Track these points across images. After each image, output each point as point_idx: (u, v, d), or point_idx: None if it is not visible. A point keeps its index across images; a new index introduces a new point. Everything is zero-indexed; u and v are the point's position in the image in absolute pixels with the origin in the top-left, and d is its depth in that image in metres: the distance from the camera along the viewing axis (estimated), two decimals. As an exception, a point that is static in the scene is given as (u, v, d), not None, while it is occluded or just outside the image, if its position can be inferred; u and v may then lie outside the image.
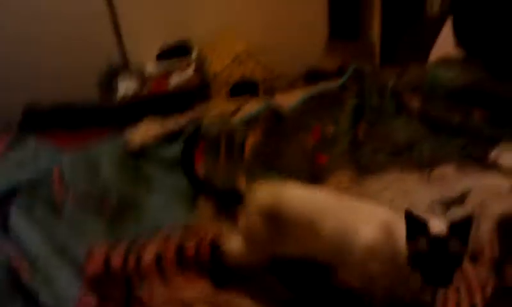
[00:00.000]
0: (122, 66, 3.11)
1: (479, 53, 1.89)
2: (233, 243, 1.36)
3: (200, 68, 2.99)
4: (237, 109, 2.18)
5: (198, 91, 2.91)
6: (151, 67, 3.01)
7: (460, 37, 2.07)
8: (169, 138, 2.00)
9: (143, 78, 2.98)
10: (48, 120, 2.71)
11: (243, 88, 2.88)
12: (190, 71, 2.94)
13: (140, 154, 1.97)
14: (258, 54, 3.08)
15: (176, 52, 3.04)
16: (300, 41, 3.35)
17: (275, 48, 3.27)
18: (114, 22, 3.02)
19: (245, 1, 3.19)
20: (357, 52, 3.31)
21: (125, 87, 2.95)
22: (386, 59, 3.35)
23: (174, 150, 1.89)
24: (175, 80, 2.93)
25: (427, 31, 3.10)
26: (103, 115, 2.79)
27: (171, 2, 3.05)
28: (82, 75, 3.01)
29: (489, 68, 1.80)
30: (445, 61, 1.91)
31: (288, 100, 2.12)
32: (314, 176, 1.78)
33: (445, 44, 2.13)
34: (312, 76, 3.23)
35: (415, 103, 1.76)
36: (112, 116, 2.77)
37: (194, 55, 3.00)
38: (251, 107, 2.15)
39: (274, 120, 1.98)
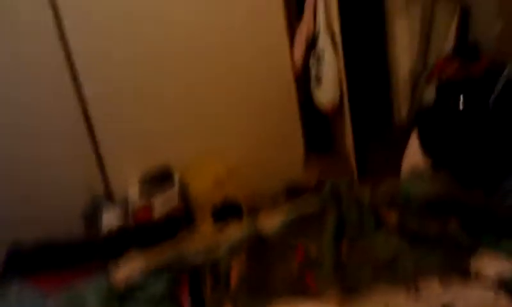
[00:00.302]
0: (105, 197, 3.15)
1: (446, 163, 1.98)
2: None
3: (182, 194, 3.04)
4: (221, 235, 2.20)
5: (182, 217, 2.94)
6: (134, 196, 3.05)
7: (426, 148, 2.17)
8: (154, 273, 1.99)
9: (126, 208, 3.01)
10: (32, 261, 2.69)
11: (226, 210, 2.92)
12: (173, 198, 2.99)
13: (126, 292, 1.94)
14: (239, 174, 3.16)
15: (158, 179, 3.10)
16: (278, 158, 3.46)
17: (255, 167, 3.36)
18: (96, 152, 3.11)
19: (222, 124, 3.32)
20: (334, 164, 3.42)
21: (109, 218, 2.97)
22: (362, 168, 3.47)
23: (160, 286, 1.88)
24: (159, 207, 2.97)
25: (396, 138, 3.26)
26: (88, 250, 2.79)
27: (150, 130, 3.17)
28: (65, 209, 3.04)
29: (457, 177, 1.87)
30: (415, 173, 1.99)
31: (270, 222, 2.15)
32: (303, 298, 1.77)
33: (414, 154, 2.23)
34: (292, 191, 3.31)
35: (392, 217, 1.81)
36: (97, 250, 2.76)
37: (176, 181, 3.07)
38: (235, 231, 2.18)
39: (258, 245, 1.99)
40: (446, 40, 3.70)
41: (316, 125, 3.66)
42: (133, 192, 3.07)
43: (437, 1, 3.93)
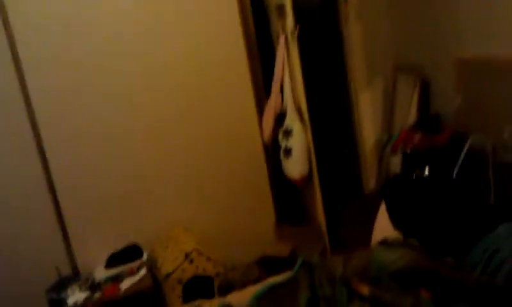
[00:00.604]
0: (72, 275, 3.04)
1: (415, 233, 1.99)
2: None
3: (151, 270, 2.96)
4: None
5: (151, 293, 2.85)
6: (101, 273, 2.96)
7: (395, 219, 2.19)
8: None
9: (93, 286, 2.90)
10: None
11: (197, 285, 2.85)
12: (141, 274, 2.91)
13: None
14: (210, 247, 3.12)
15: (126, 255, 3.02)
16: (250, 229, 3.44)
17: (226, 238, 3.34)
18: (62, 229, 3.03)
19: (193, 197, 3.31)
20: (306, 234, 3.41)
21: (75, 296, 2.85)
22: (334, 238, 3.46)
23: None
24: (127, 283, 2.88)
25: (366, 206, 3.28)
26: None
27: (118, 207, 3.13)
28: (31, 286, 2.93)
29: (426, 247, 1.88)
30: (385, 243, 1.99)
31: (242, 298, 2.10)
32: None
33: (384, 225, 2.24)
34: (265, 263, 3.27)
35: (364, 289, 1.79)
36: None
37: (144, 257, 3.00)
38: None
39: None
40: (409, 112, 3.84)
41: (287, 196, 3.68)
42: (100, 269, 2.98)
43: (398, 75, 4.10)
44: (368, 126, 4.24)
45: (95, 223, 3.07)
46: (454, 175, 3.04)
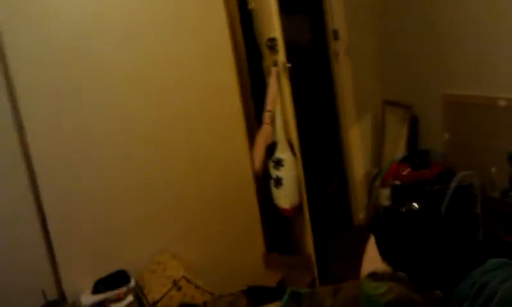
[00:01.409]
0: (59, 301, 2.96)
1: (403, 267, 1.96)
2: None
3: (138, 296, 2.89)
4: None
5: (138, 321, 2.78)
6: (88, 299, 2.88)
7: (383, 252, 2.15)
8: None
9: (80, 312, 2.83)
10: None
11: (184, 313, 2.79)
12: (128, 300, 2.83)
13: None
14: (198, 275, 3.06)
15: (113, 281, 2.95)
16: (239, 257, 3.39)
17: (215, 267, 3.28)
18: (50, 253, 2.95)
19: (181, 225, 3.25)
20: (295, 264, 3.36)
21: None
22: (323, 268, 3.42)
23: None
24: (114, 311, 2.80)
25: (355, 238, 3.26)
26: None
27: (106, 233, 3.06)
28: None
29: (414, 280, 1.85)
30: (374, 276, 1.95)
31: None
32: None
33: (373, 258, 2.21)
34: (254, 292, 3.20)
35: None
36: None
37: (132, 283, 2.93)
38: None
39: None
40: (398, 146, 3.85)
41: (277, 225, 3.65)
42: (87, 294, 2.90)
43: (388, 110, 4.13)
44: (358, 159, 4.25)
45: (83, 248, 3.00)
46: (443, 210, 3.05)
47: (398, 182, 3.36)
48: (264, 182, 3.43)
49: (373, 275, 1.98)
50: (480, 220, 3.10)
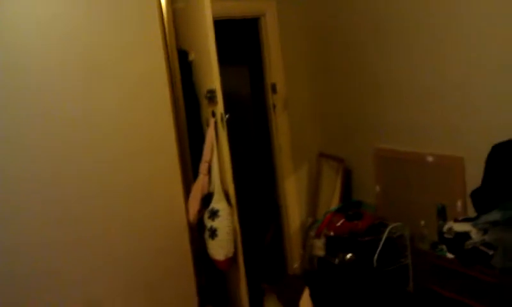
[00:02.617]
0: None
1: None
2: None
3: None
4: None
5: None
6: None
7: (317, 303, 2.12)
8: None
9: None
10: None
11: None
12: None
13: None
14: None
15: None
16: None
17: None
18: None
19: (108, 277, 3.03)
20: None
21: None
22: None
23: None
24: None
25: (289, 287, 3.20)
26: None
27: (22, 286, 2.79)
28: None
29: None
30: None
31: None
32: None
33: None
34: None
35: None
36: None
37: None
38: None
39: None
40: (332, 197, 3.88)
41: (211, 277, 3.53)
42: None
43: (323, 162, 4.18)
44: (294, 209, 4.24)
45: (11, 298, 2.75)
46: (375, 261, 3.06)
47: (332, 233, 3.36)
48: (199, 233, 3.33)
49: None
50: (411, 271, 3.14)
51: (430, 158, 3.08)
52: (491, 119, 2.67)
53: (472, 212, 2.68)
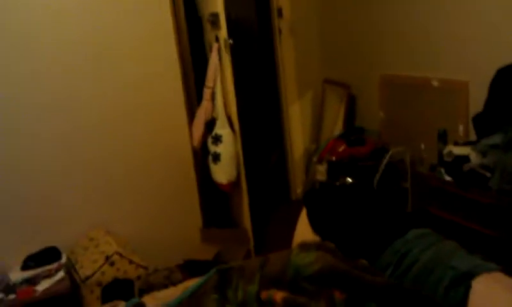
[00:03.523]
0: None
1: (331, 237, 1.95)
2: None
3: (69, 272, 2.77)
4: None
5: (68, 296, 2.66)
6: (16, 275, 2.73)
7: (313, 223, 2.15)
8: None
9: (7, 288, 2.67)
10: None
11: (117, 288, 2.69)
12: (59, 276, 2.70)
13: None
14: (133, 250, 2.96)
15: (44, 257, 2.81)
16: (176, 231, 3.31)
17: (151, 241, 3.19)
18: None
19: (116, 200, 3.13)
20: (231, 238, 3.33)
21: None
22: (260, 242, 3.41)
23: None
24: (43, 286, 2.67)
25: (292, 212, 3.25)
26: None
27: (35, 207, 2.89)
28: None
29: (341, 250, 1.84)
30: (302, 247, 1.93)
31: (157, 299, 1.98)
32: None
33: (303, 229, 2.20)
34: (189, 265, 3.15)
35: (278, 296, 1.71)
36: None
37: (63, 259, 2.80)
38: (121, 310, 1.97)
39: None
40: (336, 124, 3.87)
41: (215, 200, 3.59)
42: (16, 270, 2.75)
43: (327, 89, 4.13)
44: (298, 135, 4.25)
45: (11, 223, 2.83)
46: (375, 184, 3.09)
47: (334, 158, 3.37)
48: (203, 158, 3.36)
49: (302, 245, 1.96)
50: (409, 194, 3.17)
51: (435, 83, 3.02)
52: (498, 43, 2.59)
53: (473, 137, 2.66)
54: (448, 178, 2.40)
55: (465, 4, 2.76)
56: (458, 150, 2.45)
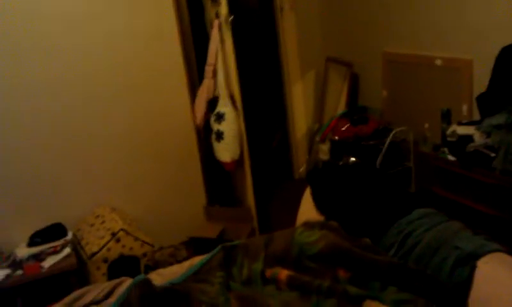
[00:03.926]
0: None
1: (335, 216, 1.96)
2: None
3: (76, 249, 2.79)
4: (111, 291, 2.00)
5: (75, 272, 2.69)
6: (23, 251, 2.75)
7: (318, 202, 2.15)
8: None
9: (14, 263, 2.70)
10: None
11: (123, 265, 2.71)
12: (65, 253, 2.73)
13: None
14: (139, 227, 2.98)
15: (50, 233, 2.83)
16: (180, 209, 3.34)
17: (156, 218, 3.22)
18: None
19: (121, 178, 3.14)
20: (235, 216, 3.34)
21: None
22: (264, 220, 3.43)
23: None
24: (50, 262, 2.69)
25: (295, 191, 3.26)
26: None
27: (42, 184, 2.91)
28: None
29: (345, 229, 1.85)
30: (307, 225, 1.94)
31: (163, 276, 2.00)
32: None
33: (308, 208, 2.20)
34: (194, 243, 3.18)
35: (282, 274, 1.73)
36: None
37: (69, 236, 2.82)
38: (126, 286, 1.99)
39: (147, 297, 1.81)
40: (338, 103, 3.85)
41: (218, 179, 3.60)
42: (22, 247, 2.78)
43: (330, 67, 4.10)
44: (300, 114, 4.23)
45: (17, 200, 2.85)
46: (378, 164, 3.09)
47: (337, 137, 3.36)
48: (206, 136, 3.35)
49: (306, 224, 1.97)
50: (413, 173, 3.17)
51: (439, 62, 3.00)
52: (502, 21, 2.55)
53: (477, 116, 2.65)
54: (452, 158, 2.40)
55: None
56: (462, 130, 2.43)
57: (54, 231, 2.81)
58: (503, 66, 2.43)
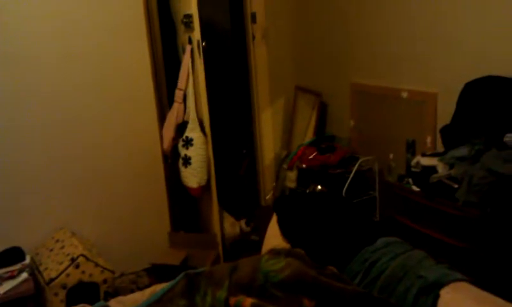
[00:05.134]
0: None
1: (302, 243, 1.95)
2: None
3: (33, 274, 2.68)
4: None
5: (32, 298, 2.58)
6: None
7: (284, 230, 2.14)
8: None
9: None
10: None
11: (82, 292, 2.62)
12: (22, 278, 2.62)
13: None
14: (101, 252, 2.89)
15: (7, 257, 2.71)
16: (144, 235, 3.27)
17: (118, 246, 3.14)
18: None
19: (83, 202, 3.05)
20: (200, 242, 3.29)
21: None
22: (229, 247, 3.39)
23: None
24: (6, 287, 2.57)
25: (262, 218, 3.26)
26: None
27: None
28: None
29: (311, 256, 1.84)
30: (272, 253, 1.92)
31: (123, 303, 1.93)
32: None
33: (274, 235, 2.19)
34: (157, 270, 3.10)
35: (246, 302, 1.70)
36: None
37: (27, 260, 2.71)
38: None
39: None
40: (307, 131, 3.88)
41: (183, 203, 3.55)
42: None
43: (299, 96, 4.15)
44: (269, 141, 4.24)
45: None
46: (344, 192, 3.11)
47: (304, 165, 3.38)
48: (173, 161, 3.32)
49: (272, 252, 1.95)
50: (378, 202, 3.21)
51: (405, 94, 3.07)
52: (466, 56, 2.65)
53: (440, 148, 2.71)
54: (416, 189, 2.43)
55: (434, 19, 2.82)
56: (426, 161, 2.48)
57: (11, 255, 2.70)
58: (466, 100, 2.51)
